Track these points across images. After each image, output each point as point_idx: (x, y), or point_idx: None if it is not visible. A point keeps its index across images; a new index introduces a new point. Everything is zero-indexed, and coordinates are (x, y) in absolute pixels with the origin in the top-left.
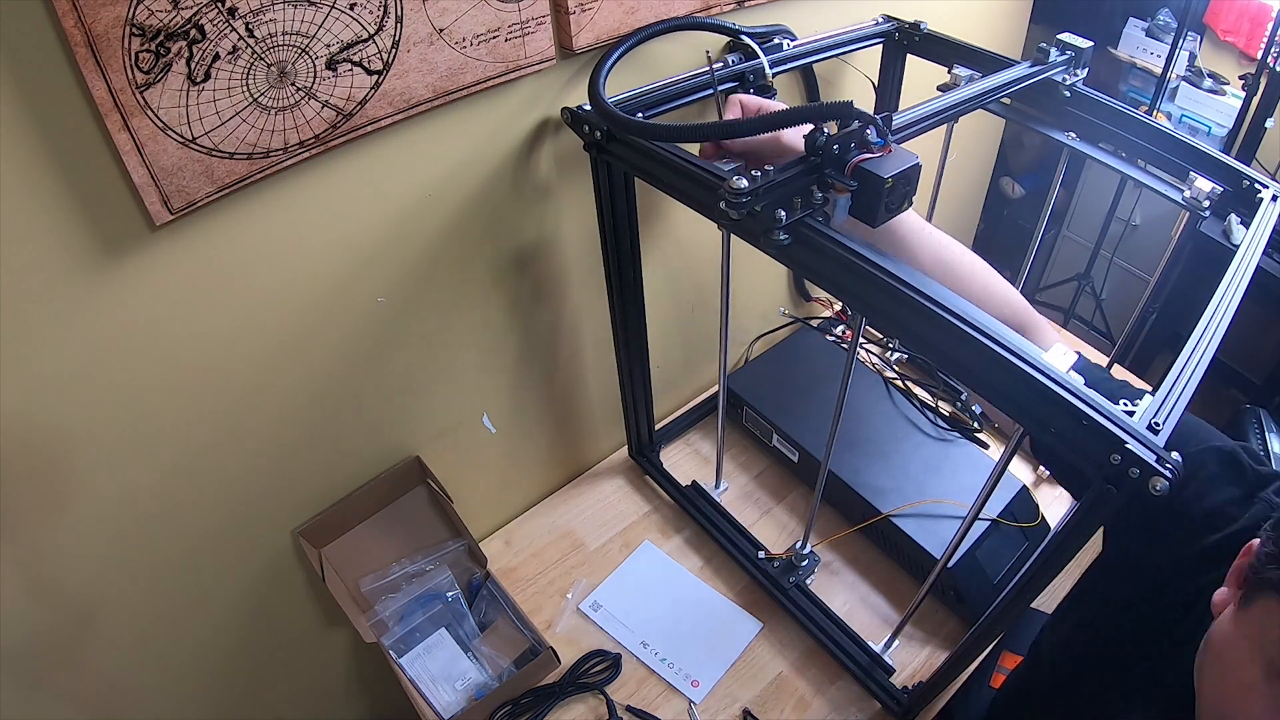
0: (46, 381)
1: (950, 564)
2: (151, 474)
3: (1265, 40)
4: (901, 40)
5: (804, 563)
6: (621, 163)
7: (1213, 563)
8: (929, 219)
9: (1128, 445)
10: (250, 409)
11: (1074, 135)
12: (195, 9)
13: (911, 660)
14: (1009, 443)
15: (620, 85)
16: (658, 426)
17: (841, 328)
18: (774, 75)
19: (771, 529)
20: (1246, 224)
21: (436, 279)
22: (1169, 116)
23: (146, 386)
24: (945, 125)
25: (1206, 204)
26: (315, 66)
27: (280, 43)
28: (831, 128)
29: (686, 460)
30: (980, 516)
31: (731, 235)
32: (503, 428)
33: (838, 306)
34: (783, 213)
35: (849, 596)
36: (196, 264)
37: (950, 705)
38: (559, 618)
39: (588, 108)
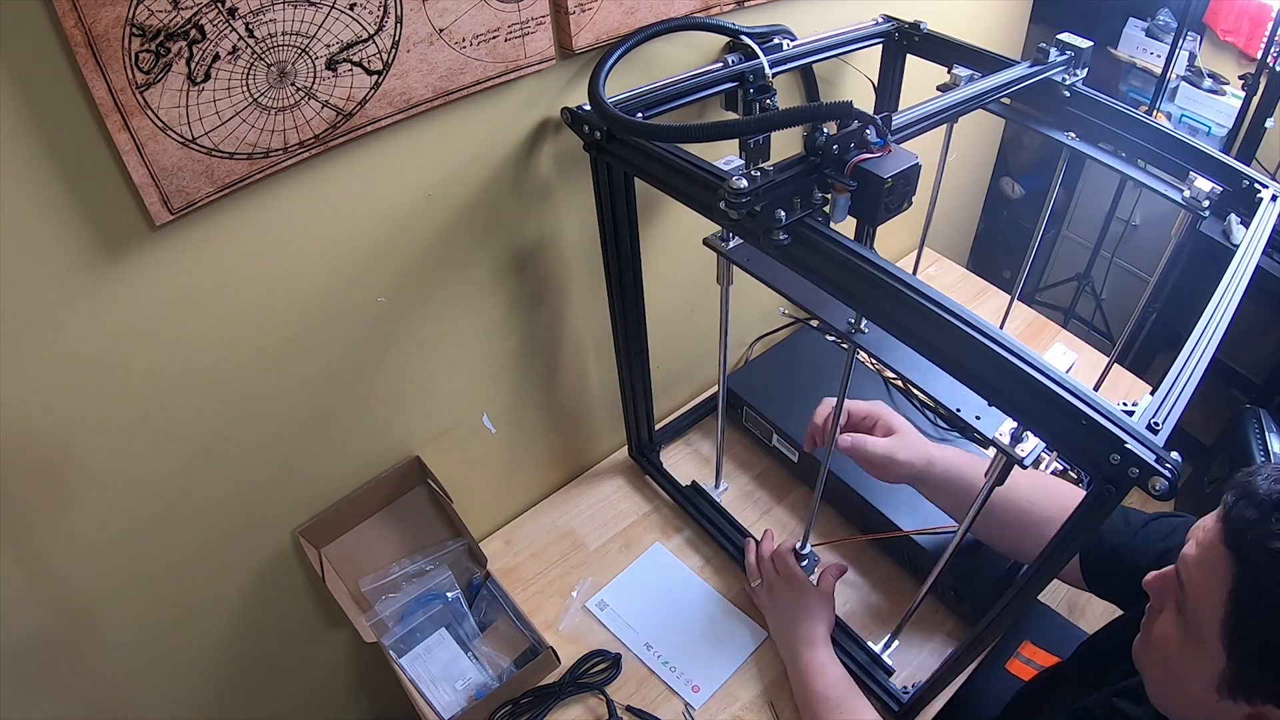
0: (46, 382)
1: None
2: (151, 474)
3: (1265, 40)
4: (901, 40)
5: (804, 562)
6: (621, 163)
7: None
8: (928, 219)
9: (1127, 445)
10: (250, 408)
11: (1074, 135)
12: (195, 9)
13: (911, 660)
14: (1008, 444)
15: (620, 85)
16: (658, 426)
17: None
18: (774, 75)
19: (771, 529)
20: (1246, 224)
21: (437, 279)
22: (1169, 116)
23: (146, 387)
24: (945, 125)
25: (1206, 204)
26: (315, 66)
27: (280, 43)
28: (831, 128)
29: (686, 460)
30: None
31: (732, 235)
32: (503, 428)
33: None
34: (782, 213)
35: (849, 596)
36: (196, 264)
37: (966, 685)
38: (564, 614)
39: (588, 108)
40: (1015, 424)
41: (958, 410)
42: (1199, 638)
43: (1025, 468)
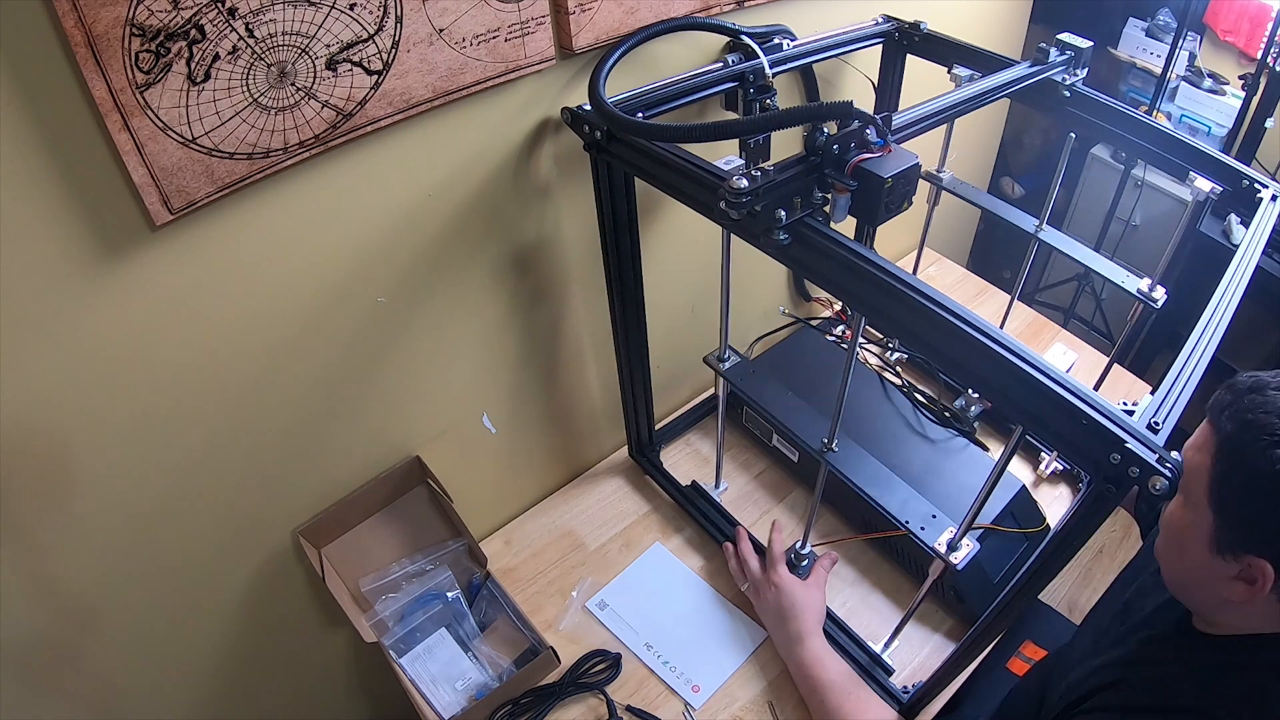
0: (47, 381)
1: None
2: (151, 474)
3: (1265, 40)
4: (901, 40)
5: (804, 562)
6: (621, 163)
7: None
8: (929, 219)
9: (1127, 445)
10: (250, 409)
11: (1041, 225)
12: (195, 9)
13: (911, 660)
14: (1008, 444)
15: (620, 85)
16: (658, 426)
17: (841, 328)
18: (774, 75)
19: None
20: (1246, 224)
21: (437, 279)
22: (1169, 116)
23: (146, 386)
24: (945, 125)
25: (1161, 295)
26: (315, 66)
27: (280, 43)
28: (831, 128)
29: (686, 460)
30: (989, 525)
31: (732, 235)
32: (503, 428)
33: (838, 306)
34: (783, 213)
35: (849, 596)
36: (196, 264)
37: (967, 684)
38: (564, 614)
39: (588, 108)
40: (953, 533)
41: (906, 522)
42: (1194, 504)
43: (960, 571)
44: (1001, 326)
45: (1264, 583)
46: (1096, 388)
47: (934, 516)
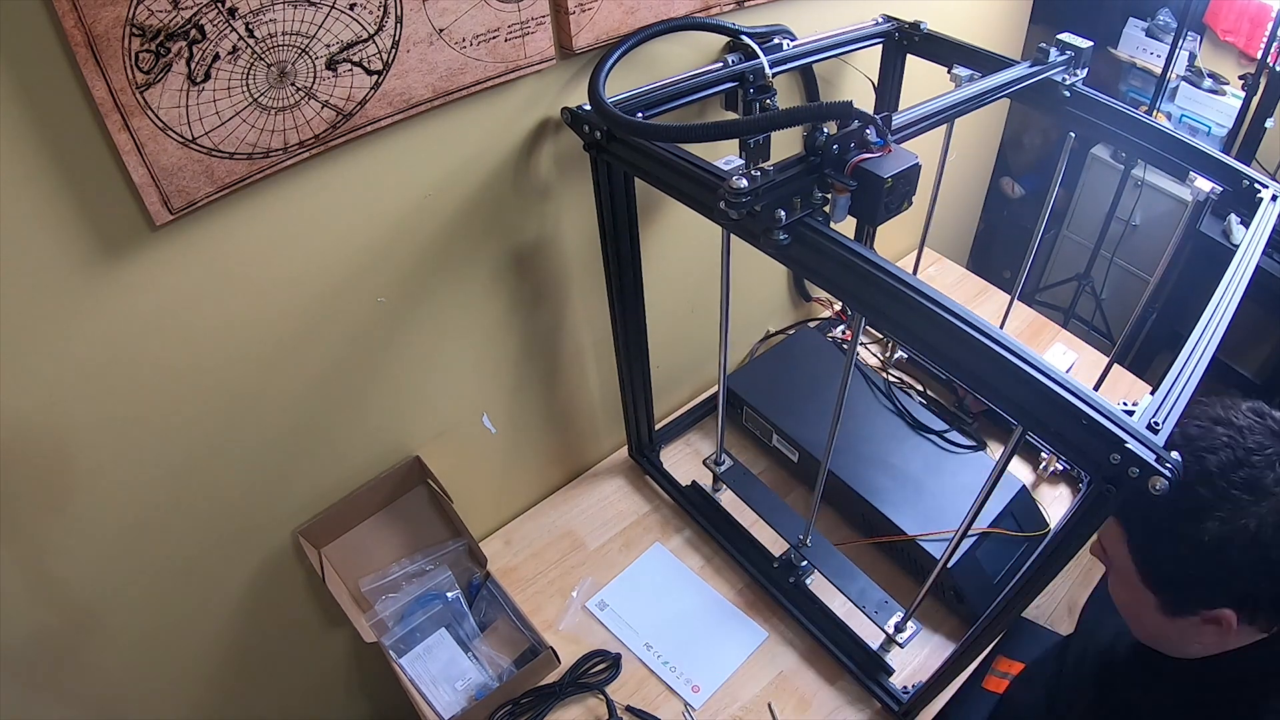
0: (47, 382)
1: (950, 564)
2: (151, 474)
3: (1265, 40)
4: (901, 40)
5: (803, 563)
6: (621, 163)
7: None
8: (929, 219)
9: (1127, 445)
10: (250, 409)
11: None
12: (195, 9)
13: (911, 660)
14: (1007, 444)
15: (620, 85)
16: (658, 426)
17: (841, 328)
18: (774, 75)
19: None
20: (1246, 224)
21: (437, 279)
22: (1169, 116)
23: (146, 387)
24: (945, 125)
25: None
26: (315, 66)
27: (280, 43)
28: (831, 128)
29: (686, 460)
30: (989, 529)
31: (731, 235)
32: (503, 428)
33: (838, 306)
34: (782, 213)
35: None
36: (196, 264)
37: (946, 709)
38: (564, 614)
39: (588, 108)
40: (900, 617)
41: (864, 608)
42: (1132, 586)
43: (903, 648)
44: (1001, 326)
45: (1229, 624)
46: (1096, 388)
47: (885, 602)
